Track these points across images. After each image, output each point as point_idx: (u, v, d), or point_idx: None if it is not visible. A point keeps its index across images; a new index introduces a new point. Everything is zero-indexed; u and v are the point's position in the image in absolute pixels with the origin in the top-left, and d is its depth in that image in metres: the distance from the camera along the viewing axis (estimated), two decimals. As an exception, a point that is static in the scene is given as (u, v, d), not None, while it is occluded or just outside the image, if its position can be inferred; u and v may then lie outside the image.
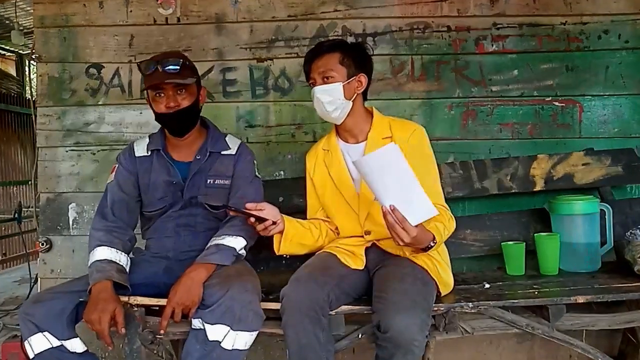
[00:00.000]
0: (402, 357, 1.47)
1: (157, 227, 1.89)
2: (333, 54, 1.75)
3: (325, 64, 1.74)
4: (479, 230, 2.23)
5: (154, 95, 1.80)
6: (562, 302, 1.73)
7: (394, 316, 1.46)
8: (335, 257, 1.75)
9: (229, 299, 1.56)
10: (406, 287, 1.55)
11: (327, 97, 1.74)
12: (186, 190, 1.84)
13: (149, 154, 1.88)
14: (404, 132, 1.78)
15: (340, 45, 1.78)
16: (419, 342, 1.47)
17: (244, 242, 1.77)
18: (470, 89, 2.37)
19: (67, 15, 2.37)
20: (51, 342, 1.57)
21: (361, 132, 1.83)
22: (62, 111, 2.38)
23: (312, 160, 1.92)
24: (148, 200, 1.87)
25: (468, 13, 2.35)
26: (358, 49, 1.81)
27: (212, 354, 1.56)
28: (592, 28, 2.35)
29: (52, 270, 2.38)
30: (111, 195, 1.84)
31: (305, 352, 1.55)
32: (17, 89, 7.65)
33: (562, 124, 2.36)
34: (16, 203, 4.05)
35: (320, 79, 1.75)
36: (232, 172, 1.87)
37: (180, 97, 1.78)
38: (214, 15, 2.37)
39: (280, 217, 1.68)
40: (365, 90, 1.82)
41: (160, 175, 1.85)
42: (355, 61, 1.77)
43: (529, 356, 2.38)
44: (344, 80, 1.74)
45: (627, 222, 2.18)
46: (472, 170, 2.25)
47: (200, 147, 1.88)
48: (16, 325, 2.96)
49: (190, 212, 1.86)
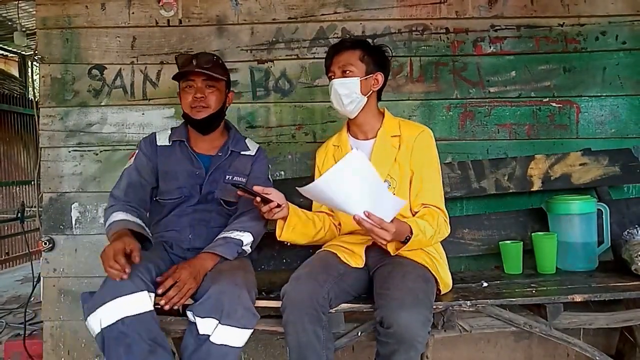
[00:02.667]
0: (404, 353, 1.49)
1: (170, 221, 1.90)
2: (354, 51, 1.81)
3: (346, 58, 1.80)
4: (477, 229, 2.25)
5: (184, 86, 1.88)
6: (559, 301, 1.74)
7: (398, 312, 1.49)
8: (335, 256, 1.77)
9: (217, 292, 1.58)
10: (409, 284, 1.57)
11: (345, 90, 1.79)
12: (205, 184, 1.89)
13: (170, 144, 1.93)
14: (412, 132, 1.83)
15: (362, 44, 1.84)
16: (422, 337, 1.49)
17: (251, 237, 1.81)
18: (468, 90, 2.38)
19: (69, 16, 2.39)
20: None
21: (372, 129, 1.87)
22: (65, 112, 2.40)
23: (321, 156, 1.97)
24: (165, 187, 1.90)
25: (466, 15, 2.37)
26: (379, 49, 1.86)
27: (202, 347, 1.57)
28: (590, 29, 2.37)
29: (55, 270, 2.40)
30: (128, 179, 1.86)
31: (306, 350, 1.57)
32: (19, 89, 7.69)
33: (560, 125, 2.38)
34: (19, 203, 4.07)
35: (339, 72, 1.81)
36: (249, 171, 1.94)
37: (208, 92, 1.87)
38: (215, 17, 2.39)
39: (285, 202, 1.73)
40: (380, 89, 1.87)
41: (182, 164, 1.90)
42: (375, 60, 1.83)
43: (526, 354, 2.40)
44: (362, 76, 1.79)
45: (624, 221, 2.19)
46: (470, 170, 2.26)
47: (223, 145, 1.95)
48: (19, 324, 2.98)
49: (206, 208, 1.90)
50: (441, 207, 1.78)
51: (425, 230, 1.66)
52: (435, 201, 1.78)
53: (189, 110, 1.87)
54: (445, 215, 1.77)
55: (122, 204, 1.79)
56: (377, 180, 1.53)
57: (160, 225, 1.92)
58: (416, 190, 1.79)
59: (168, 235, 1.89)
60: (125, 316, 1.52)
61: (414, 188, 1.80)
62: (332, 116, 2.36)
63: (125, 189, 1.84)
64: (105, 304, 1.53)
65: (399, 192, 1.79)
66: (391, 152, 1.81)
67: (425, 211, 1.75)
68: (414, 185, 1.80)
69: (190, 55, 1.88)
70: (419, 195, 1.78)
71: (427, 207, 1.76)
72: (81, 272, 2.38)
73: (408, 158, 1.80)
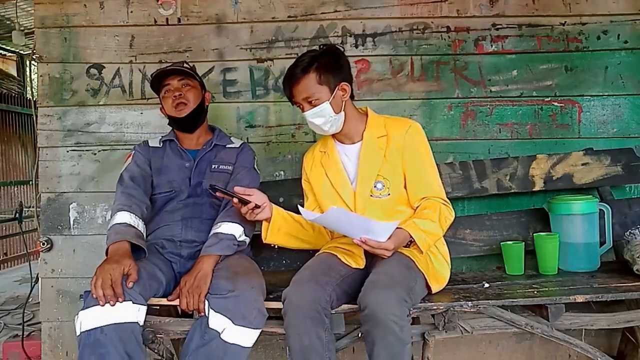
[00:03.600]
0: (382, 338, 1.46)
1: (162, 218, 1.92)
2: (308, 76, 1.73)
3: (305, 88, 1.74)
4: (478, 230, 2.23)
5: (163, 93, 1.97)
6: (561, 302, 1.73)
7: (370, 292, 1.50)
8: (335, 257, 1.76)
9: (235, 295, 1.60)
10: (386, 268, 1.60)
11: (320, 119, 1.77)
12: (193, 175, 1.93)
13: (161, 145, 2.02)
14: (399, 129, 1.82)
15: (313, 63, 1.74)
16: (396, 317, 1.45)
17: (241, 227, 1.81)
18: (469, 89, 2.37)
19: (67, 15, 2.37)
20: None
21: (357, 133, 1.86)
22: (63, 111, 2.39)
23: (309, 162, 1.95)
24: (157, 181, 1.95)
25: (467, 14, 2.36)
26: (330, 58, 1.77)
27: (212, 344, 1.57)
28: (591, 28, 2.36)
29: (53, 270, 2.38)
30: (130, 173, 1.92)
31: (309, 353, 1.56)
32: (18, 89, 7.67)
33: (561, 124, 2.37)
34: (17, 203, 4.06)
35: (306, 104, 1.77)
36: (235, 161, 1.98)
37: (185, 90, 1.94)
38: (214, 15, 2.37)
39: (267, 203, 1.73)
40: (351, 94, 1.83)
41: (172, 159, 1.98)
42: (332, 73, 1.75)
43: (528, 355, 2.39)
44: (329, 98, 1.75)
45: (626, 222, 2.18)
46: (472, 170, 2.25)
47: (207, 141, 2.02)
48: (17, 324, 2.97)
49: (196, 201, 1.91)
50: (441, 196, 1.78)
51: (426, 226, 1.66)
52: (433, 192, 1.78)
53: (172, 112, 1.94)
54: (445, 201, 1.77)
55: (128, 194, 1.84)
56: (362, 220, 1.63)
57: (153, 222, 1.93)
58: (413, 186, 1.79)
59: (160, 232, 1.89)
60: (105, 324, 1.52)
61: (411, 184, 1.79)
62: (332, 116, 2.35)
63: (131, 177, 1.90)
64: (89, 308, 1.54)
65: (393, 190, 1.79)
66: (379, 153, 1.80)
67: (425, 204, 1.75)
68: (410, 182, 1.79)
69: (161, 71, 1.96)
70: (417, 190, 1.79)
71: (427, 200, 1.76)
72: (79, 272, 2.36)
73: (399, 155, 1.79)
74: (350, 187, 1.83)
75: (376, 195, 1.79)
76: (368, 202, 1.79)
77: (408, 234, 1.65)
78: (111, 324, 1.52)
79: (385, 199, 1.79)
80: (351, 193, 1.82)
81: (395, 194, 1.79)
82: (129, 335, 1.54)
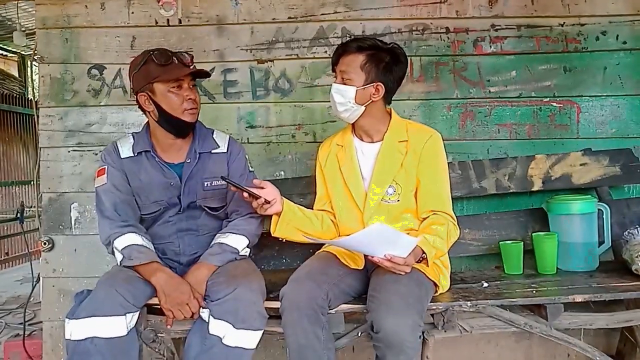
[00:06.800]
0: (394, 357, 1.49)
1: (156, 233, 1.86)
2: (358, 55, 1.74)
3: (348, 63, 1.75)
4: (477, 229, 2.24)
5: (171, 87, 1.73)
6: (560, 301, 1.74)
7: (385, 317, 1.48)
8: (334, 257, 1.77)
9: (234, 298, 1.60)
10: (399, 287, 1.55)
11: (340, 98, 1.76)
12: (183, 196, 1.82)
13: (135, 155, 1.82)
14: (421, 137, 1.80)
15: (370, 48, 1.74)
16: (410, 343, 1.48)
17: (247, 241, 1.80)
18: (468, 90, 2.38)
19: (68, 16, 2.38)
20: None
21: (377, 132, 1.84)
22: (64, 112, 2.40)
23: (324, 152, 1.94)
24: (141, 202, 1.82)
25: (466, 15, 2.36)
26: (387, 56, 1.76)
27: (214, 349, 1.57)
28: (590, 29, 2.36)
29: (55, 270, 2.39)
30: (109, 199, 1.77)
31: (305, 351, 1.57)
32: (19, 89, 7.69)
33: (560, 125, 2.38)
34: (19, 203, 4.06)
35: (339, 77, 1.77)
36: (227, 172, 1.85)
37: (194, 92, 1.79)
38: (214, 16, 2.38)
39: (278, 197, 1.71)
40: (385, 95, 1.79)
41: (153, 177, 1.81)
42: (378, 68, 1.74)
43: (527, 355, 2.39)
44: (360, 86, 1.74)
45: (625, 221, 2.19)
46: (471, 170, 2.26)
47: (189, 149, 1.84)
48: (19, 324, 2.97)
49: (190, 215, 1.85)
50: (449, 212, 1.77)
51: (436, 243, 1.64)
52: (443, 206, 1.76)
53: (180, 114, 1.74)
54: (453, 218, 1.76)
55: (122, 226, 1.75)
56: (396, 233, 1.54)
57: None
58: (423, 195, 1.77)
59: (156, 245, 1.85)
60: (95, 336, 1.53)
61: (422, 194, 1.78)
62: (332, 116, 2.35)
63: (114, 209, 1.76)
64: (80, 319, 1.54)
65: (403, 197, 1.78)
66: (398, 158, 1.78)
67: (434, 219, 1.73)
68: (422, 191, 1.78)
69: (168, 53, 1.75)
70: (427, 200, 1.77)
71: (436, 214, 1.74)
72: (80, 272, 2.38)
73: (415, 164, 1.77)
74: (362, 186, 1.81)
75: (386, 199, 1.78)
76: (377, 206, 1.78)
77: (421, 250, 1.60)
78: (101, 337, 1.53)
79: (394, 204, 1.78)
80: (362, 193, 1.81)
81: (405, 201, 1.78)
82: (119, 349, 1.55)
